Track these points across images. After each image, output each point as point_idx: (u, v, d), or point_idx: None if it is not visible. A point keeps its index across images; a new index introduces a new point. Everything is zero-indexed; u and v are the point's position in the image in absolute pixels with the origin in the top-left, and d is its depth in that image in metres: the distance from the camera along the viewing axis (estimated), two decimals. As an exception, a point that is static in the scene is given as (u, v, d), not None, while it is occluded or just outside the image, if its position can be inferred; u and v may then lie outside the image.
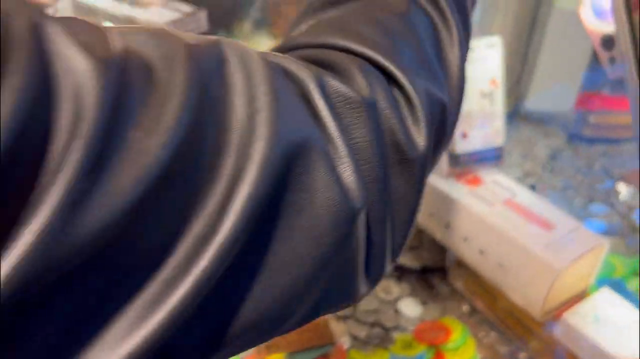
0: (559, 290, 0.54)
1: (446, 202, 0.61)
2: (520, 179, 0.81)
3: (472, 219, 0.58)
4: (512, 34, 0.86)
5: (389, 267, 0.29)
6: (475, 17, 0.45)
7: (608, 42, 0.48)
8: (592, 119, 0.89)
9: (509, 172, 0.81)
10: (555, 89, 0.90)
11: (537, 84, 0.91)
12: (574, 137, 0.90)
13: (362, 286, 0.27)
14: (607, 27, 0.48)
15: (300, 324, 0.26)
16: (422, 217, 0.66)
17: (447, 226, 0.62)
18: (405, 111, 0.27)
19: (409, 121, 0.27)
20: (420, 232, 0.71)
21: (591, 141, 0.90)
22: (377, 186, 0.25)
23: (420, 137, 0.27)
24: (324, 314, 0.27)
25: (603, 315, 0.53)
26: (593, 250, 0.54)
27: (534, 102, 0.93)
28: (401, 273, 0.67)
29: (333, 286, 0.25)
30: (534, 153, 0.87)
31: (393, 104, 0.26)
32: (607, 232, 0.74)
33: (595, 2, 0.49)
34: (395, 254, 0.29)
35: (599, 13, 0.49)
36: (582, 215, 0.76)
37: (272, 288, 0.22)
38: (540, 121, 0.93)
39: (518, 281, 0.55)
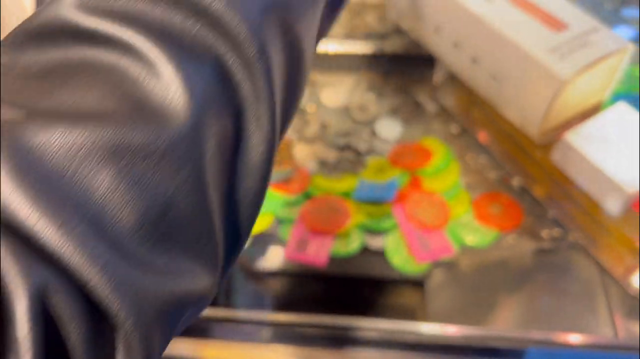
0: (564, 106, 0.44)
1: (436, 0, 0.49)
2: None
3: (464, 18, 0.47)
4: None
5: None
6: None
7: None
8: None
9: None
10: None
11: None
12: None
13: None
14: None
15: None
16: (409, 22, 0.54)
17: (437, 29, 0.51)
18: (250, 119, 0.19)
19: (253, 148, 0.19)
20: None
21: None
22: None
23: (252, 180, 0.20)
24: None
25: (613, 135, 0.44)
26: (612, 56, 0.43)
27: None
28: (382, 83, 0.57)
29: None
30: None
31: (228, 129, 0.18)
32: (638, 39, 0.61)
33: None
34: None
35: None
36: (612, 21, 0.64)
37: None
38: None
39: (515, 94, 0.45)
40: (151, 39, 0.17)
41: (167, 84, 0.17)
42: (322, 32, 0.26)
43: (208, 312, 0.44)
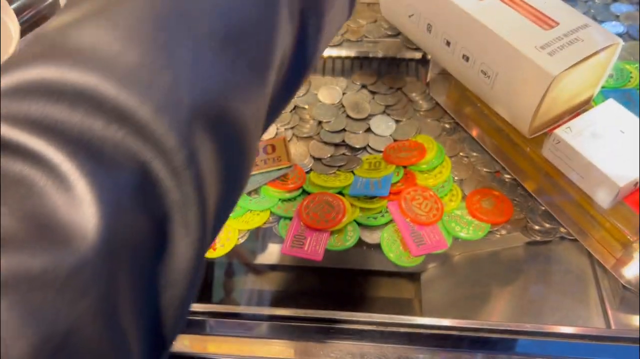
0: (555, 101, 0.45)
1: (428, -1, 0.50)
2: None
3: (456, 16, 0.48)
4: None
5: None
6: None
7: None
8: None
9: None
10: None
11: None
12: None
13: None
14: None
15: None
16: (401, 20, 0.55)
17: (429, 28, 0.51)
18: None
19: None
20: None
21: None
22: None
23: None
24: None
25: (603, 130, 0.45)
26: (602, 52, 0.44)
27: None
28: (374, 85, 0.58)
29: None
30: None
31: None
32: (628, 35, 0.62)
33: None
34: None
35: None
36: (601, 18, 0.64)
37: None
38: None
39: (506, 90, 0.46)
40: (65, 150, 0.16)
41: (79, 201, 0.15)
42: (276, 110, 0.25)
43: (205, 307, 0.44)
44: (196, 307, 0.44)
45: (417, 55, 0.61)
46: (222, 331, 0.44)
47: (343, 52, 0.62)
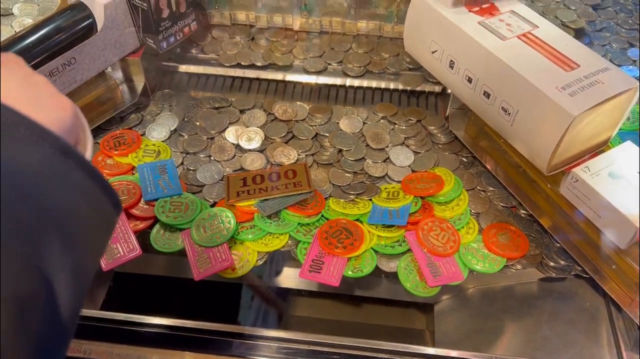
0: (573, 141, 0.46)
1: (451, 35, 0.52)
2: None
3: (479, 54, 0.49)
4: None
5: None
6: None
7: None
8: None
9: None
10: None
11: None
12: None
13: None
14: None
15: None
16: (424, 55, 0.56)
17: (452, 64, 0.53)
18: None
19: None
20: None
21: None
22: None
23: None
24: None
25: (621, 171, 0.46)
26: (620, 95, 0.45)
27: None
28: (394, 112, 0.60)
29: None
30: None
31: None
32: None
33: None
34: None
35: None
36: (618, 62, 0.66)
37: None
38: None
39: (526, 128, 0.47)
40: None
41: None
42: None
43: (219, 327, 0.45)
44: (209, 326, 0.45)
45: (437, 88, 0.62)
46: (235, 351, 0.44)
47: (365, 83, 0.63)
